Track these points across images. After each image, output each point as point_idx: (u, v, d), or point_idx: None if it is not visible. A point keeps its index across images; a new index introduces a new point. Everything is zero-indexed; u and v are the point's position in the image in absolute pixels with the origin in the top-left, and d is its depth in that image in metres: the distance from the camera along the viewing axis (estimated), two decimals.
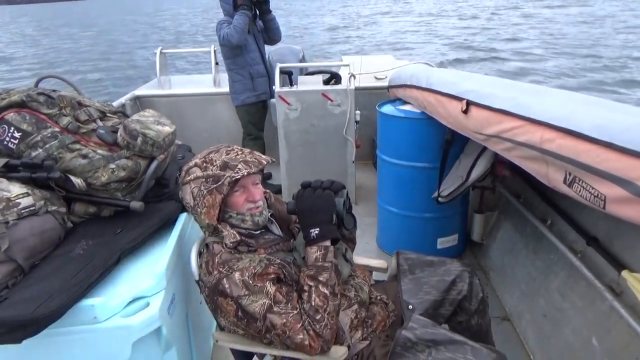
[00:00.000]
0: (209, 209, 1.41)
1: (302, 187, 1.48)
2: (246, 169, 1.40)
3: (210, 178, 1.40)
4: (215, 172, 1.40)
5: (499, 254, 2.73)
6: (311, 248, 1.39)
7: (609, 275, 1.80)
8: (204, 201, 1.41)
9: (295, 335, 1.29)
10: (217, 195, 1.39)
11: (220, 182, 1.38)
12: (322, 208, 1.40)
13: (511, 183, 2.68)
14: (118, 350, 1.36)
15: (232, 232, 1.41)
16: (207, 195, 1.40)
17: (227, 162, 1.40)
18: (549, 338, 2.06)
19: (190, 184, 1.43)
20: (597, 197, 1.33)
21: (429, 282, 1.64)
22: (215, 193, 1.39)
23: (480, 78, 2.40)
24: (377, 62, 4.80)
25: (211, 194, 1.39)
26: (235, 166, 1.40)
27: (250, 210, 1.46)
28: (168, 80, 4.79)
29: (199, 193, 1.41)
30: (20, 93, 1.66)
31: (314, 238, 1.38)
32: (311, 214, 1.41)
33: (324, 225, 1.39)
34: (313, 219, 1.40)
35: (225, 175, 1.38)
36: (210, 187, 1.39)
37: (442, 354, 1.32)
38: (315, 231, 1.38)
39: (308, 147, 3.60)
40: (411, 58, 10.69)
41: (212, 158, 1.43)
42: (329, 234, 1.40)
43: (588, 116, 1.42)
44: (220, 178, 1.38)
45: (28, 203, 1.45)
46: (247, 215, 1.46)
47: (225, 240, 1.39)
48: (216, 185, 1.39)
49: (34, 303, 1.23)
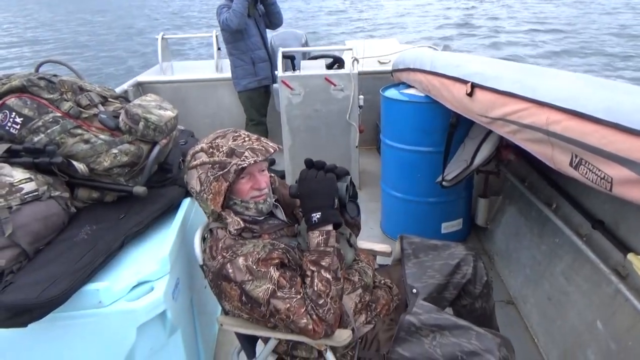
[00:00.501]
0: (215, 196, 1.39)
1: (305, 164, 1.47)
2: (253, 157, 1.38)
3: (216, 164, 1.38)
4: (221, 158, 1.37)
5: (504, 238, 2.73)
6: (313, 233, 1.39)
7: (614, 259, 1.79)
8: (210, 187, 1.39)
9: (299, 320, 1.29)
10: (223, 183, 1.38)
11: (226, 169, 1.36)
12: (324, 192, 1.39)
13: (516, 167, 2.67)
14: (123, 334, 1.37)
15: (236, 219, 1.40)
16: (213, 182, 1.38)
17: (233, 149, 1.38)
18: (553, 321, 2.06)
19: (197, 169, 1.41)
20: (603, 179, 1.31)
21: (433, 266, 1.64)
22: (222, 180, 1.37)
23: (485, 60, 2.37)
24: (380, 45, 4.77)
25: (217, 181, 1.38)
26: (242, 153, 1.37)
27: (254, 198, 1.45)
28: (170, 66, 4.77)
29: (205, 179, 1.39)
30: (21, 78, 1.64)
31: (315, 222, 1.38)
32: (313, 197, 1.40)
33: (325, 209, 1.38)
34: (314, 202, 1.39)
35: (232, 162, 1.36)
36: (216, 174, 1.37)
37: (446, 339, 1.33)
38: (316, 215, 1.37)
39: (311, 132, 3.59)
40: (416, 41, 10.61)
41: (219, 144, 1.40)
42: (331, 218, 1.39)
43: (594, 97, 1.40)
44: (227, 165, 1.37)
45: (31, 188, 1.45)
46: (251, 203, 1.45)
47: (229, 227, 1.39)
48: (222, 172, 1.37)
49: (39, 287, 1.23)
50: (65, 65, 2.02)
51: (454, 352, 1.30)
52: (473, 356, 1.28)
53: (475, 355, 1.28)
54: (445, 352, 1.31)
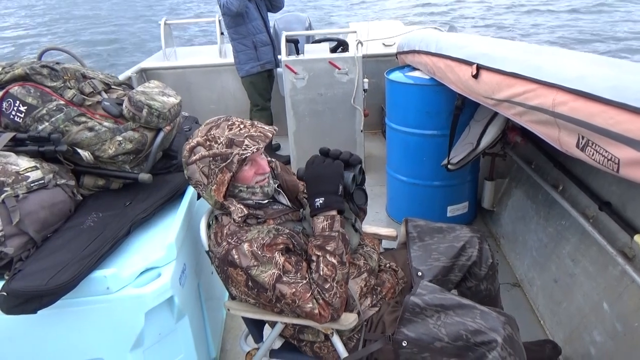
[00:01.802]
0: (219, 186, 1.39)
1: (320, 153, 1.47)
2: (254, 144, 1.37)
3: (217, 157, 1.36)
4: (221, 150, 1.36)
5: (510, 221, 2.72)
6: (317, 218, 1.39)
7: (621, 240, 1.78)
8: (217, 179, 1.38)
9: (305, 304, 1.30)
10: (226, 173, 1.37)
11: (229, 160, 1.36)
12: (328, 178, 1.39)
13: (522, 149, 2.65)
14: (131, 320, 1.39)
15: (239, 207, 1.40)
16: (218, 174, 1.38)
17: (232, 139, 1.37)
18: (559, 303, 2.06)
19: (198, 163, 1.39)
20: (610, 160, 1.29)
21: (438, 248, 1.64)
22: (225, 171, 1.37)
23: (491, 41, 2.33)
24: (384, 28, 4.71)
25: (222, 172, 1.37)
26: (242, 142, 1.36)
27: (259, 182, 1.46)
28: (173, 52, 4.75)
29: (210, 172, 1.38)
30: (24, 66, 1.64)
31: (318, 207, 1.38)
32: (317, 183, 1.40)
33: (328, 195, 1.38)
34: (318, 188, 1.39)
35: (233, 152, 1.36)
36: (219, 166, 1.37)
37: (451, 318, 1.33)
38: (319, 201, 1.38)
39: (316, 116, 3.57)
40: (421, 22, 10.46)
41: (215, 135, 1.38)
42: (334, 204, 1.38)
43: (601, 77, 1.37)
44: (229, 156, 1.36)
45: (37, 176, 1.46)
46: (257, 187, 1.46)
47: (233, 215, 1.38)
48: (225, 164, 1.36)
49: (48, 274, 1.25)
50: (68, 52, 2.01)
51: (459, 331, 1.30)
52: (477, 335, 1.28)
53: (479, 334, 1.28)
54: (450, 332, 1.31)
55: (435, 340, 1.32)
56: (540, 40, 10.73)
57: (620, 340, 1.67)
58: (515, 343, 1.29)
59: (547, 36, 11.37)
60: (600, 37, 10.82)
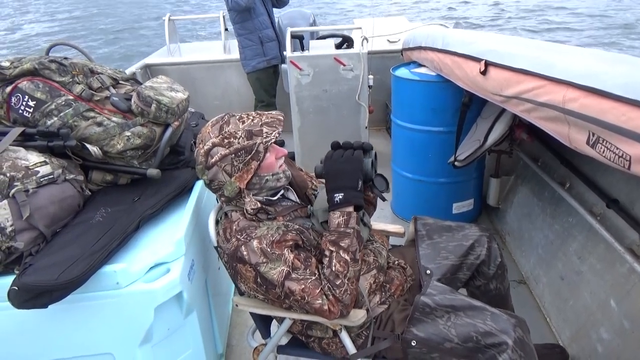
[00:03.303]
0: (243, 174, 1.37)
1: (331, 147, 1.46)
2: (273, 130, 1.38)
3: (241, 151, 1.35)
4: (244, 143, 1.35)
5: (516, 219, 2.72)
6: (334, 213, 1.39)
7: (629, 238, 1.78)
8: (240, 172, 1.37)
9: (314, 301, 1.30)
10: (253, 164, 1.37)
11: (254, 151, 1.35)
12: (349, 173, 1.39)
13: (529, 146, 2.64)
14: (141, 315, 1.39)
15: (254, 200, 1.40)
16: (242, 167, 1.37)
17: (250, 130, 1.37)
18: (566, 301, 2.06)
19: (219, 164, 1.37)
20: (621, 157, 1.29)
21: (447, 247, 1.64)
22: (251, 162, 1.36)
23: (499, 37, 2.33)
24: (389, 24, 4.70)
25: (247, 165, 1.36)
26: (260, 131, 1.37)
27: (281, 167, 1.47)
28: (178, 48, 4.74)
29: (233, 169, 1.37)
30: (32, 61, 1.64)
31: (337, 202, 1.38)
32: (337, 178, 1.39)
33: (348, 190, 1.38)
34: (337, 183, 1.39)
35: (257, 142, 1.36)
36: (245, 159, 1.36)
37: (461, 319, 1.33)
38: (339, 196, 1.37)
39: (320, 113, 3.56)
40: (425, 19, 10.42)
41: (231, 132, 1.37)
42: (353, 200, 1.38)
43: (612, 74, 1.37)
44: (253, 147, 1.35)
45: (46, 171, 1.46)
46: (280, 173, 1.45)
47: (247, 206, 1.38)
48: (251, 155, 1.36)
49: (58, 269, 1.25)
50: (76, 47, 2.01)
51: (469, 332, 1.30)
52: (488, 337, 1.28)
53: (490, 336, 1.28)
54: (460, 333, 1.31)
55: (445, 341, 1.32)
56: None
57: (628, 338, 1.67)
58: (526, 345, 1.29)
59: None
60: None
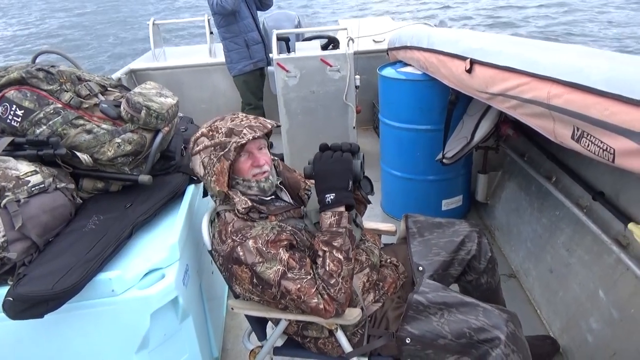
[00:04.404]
0: (218, 176, 1.41)
1: (320, 149, 1.47)
2: (251, 133, 1.40)
3: (217, 146, 1.40)
4: (221, 139, 1.40)
5: (504, 213, 2.76)
6: (325, 214, 1.40)
7: (615, 229, 1.82)
8: (214, 169, 1.40)
9: (310, 300, 1.32)
10: (224, 162, 1.39)
11: (227, 149, 1.38)
12: (339, 173, 1.40)
13: (515, 142, 2.68)
14: (137, 321, 1.39)
15: (243, 199, 1.41)
16: (216, 163, 1.40)
17: (232, 129, 1.40)
18: (555, 293, 2.09)
19: (200, 153, 1.42)
20: (606, 151, 1.32)
21: (438, 243, 1.66)
22: (223, 160, 1.39)
23: (484, 36, 2.36)
24: (374, 24, 4.73)
25: (219, 161, 1.39)
26: (240, 132, 1.40)
27: (255, 176, 1.46)
28: (163, 52, 4.72)
29: (209, 162, 1.41)
30: (19, 70, 1.63)
31: (328, 203, 1.39)
32: (328, 179, 1.41)
33: (339, 191, 1.39)
34: (329, 184, 1.40)
35: (231, 141, 1.39)
36: (218, 155, 1.39)
37: (454, 316, 1.35)
38: (330, 196, 1.39)
39: (308, 114, 3.57)
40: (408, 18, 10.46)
41: (218, 126, 1.43)
42: (344, 200, 1.40)
43: (596, 69, 1.40)
44: (227, 144, 1.39)
45: (37, 181, 1.45)
46: (252, 181, 1.46)
47: (237, 206, 1.39)
48: (223, 152, 1.39)
49: (53, 278, 1.24)
50: (62, 55, 2.00)
51: (462, 328, 1.32)
52: (481, 332, 1.30)
53: (483, 332, 1.30)
54: (453, 329, 1.33)
55: (439, 338, 1.34)
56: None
57: (616, 327, 1.71)
58: (518, 339, 1.32)
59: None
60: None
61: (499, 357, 1.27)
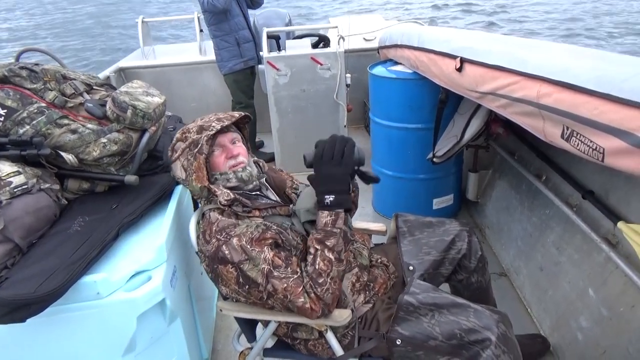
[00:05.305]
0: (197, 173, 1.43)
1: (316, 147, 1.41)
2: (219, 123, 1.45)
3: (191, 144, 1.43)
4: (193, 137, 1.43)
5: (495, 212, 2.76)
6: (322, 212, 1.38)
7: (605, 227, 1.82)
8: (192, 168, 1.43)
9: (297, 299, 1.30)
10: (200, 158, 1.42)
11: (200, 144, 1.42)
12: (340, 177, 1.37)
13: (505, 141, 2.68)
14: (123, 324, 1.36)
15: (225, 191, 1.42)
16: (193, 162, 1.42)
17: (202, 125, 1.45)
18: (545, 291, 2.10)
19: (180, 159, 1.45)
20: (595, 150, 1.32)
21: (429, 242, 1.65)
22: (198, 156, 1.42)
23: (474, 34, 2.36)
24: (365, 22, 4.72)
25: (196, 159, 1.42)
26: (209, 125, 1.45)
27: (232, 167, 1.48)
28: (152, 50, 4.68)
29: (187, 163, 1.43)
30: (1, 68, 1.59)
31: (327, 205, 1.37)
32: (328, 182, 1.38)
33: (339, 194, 1.37)
34: (328, 187, 1.37)
35: (202, 136, 1.42)
36: (193, 153, 1.42)
37: (445, 317, 1.34)
38: (330, 198, 1.37)
39: (299, 113, 3.56)
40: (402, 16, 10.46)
41: (189, 127, 1.47)
42: (344, 204, 1.38)
43: (585, 68, 1.40)
44: (199, 140, 1.42)
45: (20, 181, 1.42)
46: (230, 173, 1.47)
47: (220, 198, 1.39)
48: (197, 148, 1.42)
49: (36, 281, 1.22)
50: (47, 53, 1.96)
51: (453, 329, 1.31)
52: (471, 333, 1.30)
53: (473, 333, 1.29)
54: (444, 330, 1.32)
55: (430, 339, 1.33)
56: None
57: (606, 325, 1.71)
58: (509, 340, 1.31)
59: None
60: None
61: (489, 358, 1.27)
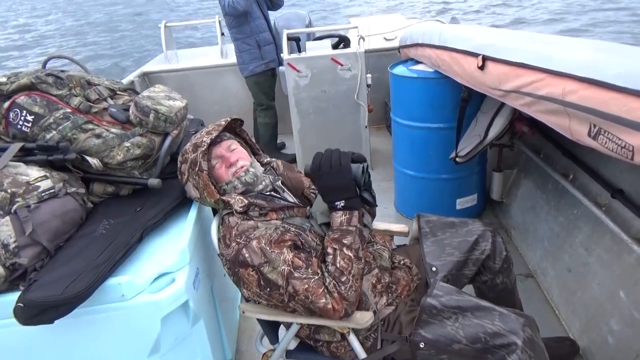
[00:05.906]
0: (206, 189, 1.47)
1: (313, 161, 1.40)
2: (208, 137, 1.48)
3: (192, 164, 1.48)
4: (191, 157, 1.48)
5: (520, 212, 2.70)
6: (336, 213, 1.40)
7: (635, 227, 1.76)
8: (200, 185, 1.47)
9: (318, 300, 1.30)
10: (203, 175, 1.46)
11: (197, 163, 1.45)
12: (343, 186, 1.38)
13: (530, 139, 2.63)
14: (148, 326, 1.38)
15: (239, 198, 1.44)
16: (199, 180, 1.47)
17: (195, 143, 1.49)
18: (574, 293, 2.04)
19: (189, 179, 1.50)
20: (624, 148, 1.28)
21: (451, 243, 1.63)
22: (200, 174, 1.46)
23: (496, 32, 2.32)
24: (385, 22, 4.69)
25: (199, 177, 1.46)
26: (201, 142, 1.47)
27: (234, 174, 1.50)
28: (175, 55, 4.75)
29: (195, 182, 1.49)
30: (29, 75, 1.64)
31: (340, 208, 1.39)
32: (333, 192, 1.39)
33: (348, 199, 1.39)
34: (336, 196, 1.39)
35: (197, 153, 1.46)
36: (196, 171, 1.47)
37: (469, 320, 1.32)
38: (340, 203, 1.39)
39: (320, 114, 3.56)
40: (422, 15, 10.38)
41: (186, 149, 1.51)
42: (355, 206, 1.40)
43: (612, 64, 1.36)
44: (197, 159, 1.46)
45: (47, 186, 1.45)
46: (234, 180, 1.50)
47: (235, 206, 1.42)
48: (197, 167, 1.46)
49: (63, 284, 1.24)
50: (72, 59, 2.01)
51: (477, 333, 1.29)
52: (497, 337, 1.27)
53: (499, 337, 1.27)
54: (468, 334, 1.30)
55: (454, 343, 1.31)
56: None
57: (638, 328, 1.66)
58: (535, 345, 1.28)
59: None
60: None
61: None
